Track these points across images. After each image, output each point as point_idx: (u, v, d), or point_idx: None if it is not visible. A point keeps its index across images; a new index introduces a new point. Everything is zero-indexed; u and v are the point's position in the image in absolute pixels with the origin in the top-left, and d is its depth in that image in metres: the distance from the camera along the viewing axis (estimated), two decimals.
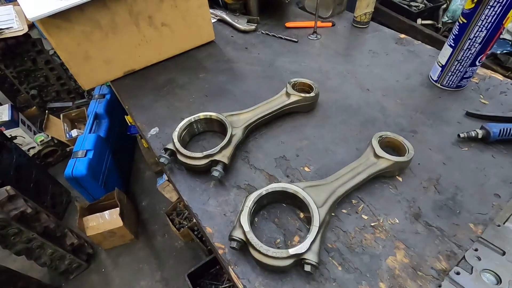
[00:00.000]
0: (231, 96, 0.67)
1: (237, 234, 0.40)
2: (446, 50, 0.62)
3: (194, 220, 0.63)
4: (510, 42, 1.72)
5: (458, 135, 0.54)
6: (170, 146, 0.52)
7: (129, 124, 1.72)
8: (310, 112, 0.63)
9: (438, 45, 0.78)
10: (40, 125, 1.84)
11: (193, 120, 0.56)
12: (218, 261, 0.43)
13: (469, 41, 0.57)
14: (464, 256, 0.41)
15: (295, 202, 0.45)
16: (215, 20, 0.93)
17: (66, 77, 2.03)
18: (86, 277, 1.41)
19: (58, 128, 1.77)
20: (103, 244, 1.46)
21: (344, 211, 0.46)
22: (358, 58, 0.76)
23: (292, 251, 0.37)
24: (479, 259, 0.40)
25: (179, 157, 0.50)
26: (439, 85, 0.66)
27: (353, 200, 0.48)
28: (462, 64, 0.60)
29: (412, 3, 2.13)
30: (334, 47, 0.80)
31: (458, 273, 0.39)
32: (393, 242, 0.43)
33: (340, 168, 0.48)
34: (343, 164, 0.49)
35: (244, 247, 0.40)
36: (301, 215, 0.46)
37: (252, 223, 0.42)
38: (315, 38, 0.83)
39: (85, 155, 1.41)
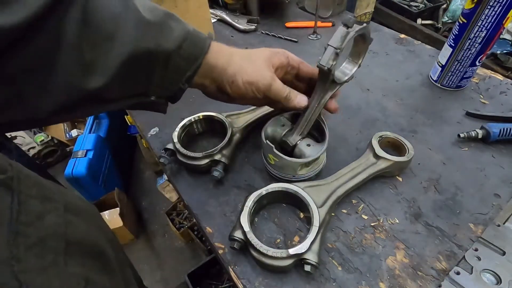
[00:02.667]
0: None
1: (237, 234, 0.40)
2: (446, 50, 0.62)
3: (194, 220, 0.63)
4: (510, 42, 1.72)
5: (458, 135, 0.54)
6: (170, 146, 0.52)
7: (129, 124, 1.72)
8: None
9: (438, 45, 0.78)
10: None
11: (193, 120, 0.56)
12: (218, 261, 0.43)
13: (469, 41, 0.57)
14: (464, 256, 0.41)
15: (295, 202, 0.45)
16: (215, 20, 0.93)
17: None
18: None
19: (58, 128, 1.77)
20: None
21: (344, 211, 0.46)
22: None
23: (292, 251, 0.37)
24: (479, 259, 0.40)
25: (179, 157, 0.50)
26: (439, 85, 0.66)
27: (353, 200, 0.48)
28: (462, 64, 0.60)
29: (412, 3, 2.13)
30: None
31: (458, 273, 0.39)
32: (393, 242, 0.43)
33: (340, 168, 0.48)
34: (343, 164, 0.49)
35: (244, 247, 0.40)
36: (301, 215, 0.46)
37: (252, 223, 0.42)
38: (315, 38, 0.83)
39: (85, 155, 1.41)
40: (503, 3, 0.50)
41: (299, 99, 0.42)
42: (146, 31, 0.31)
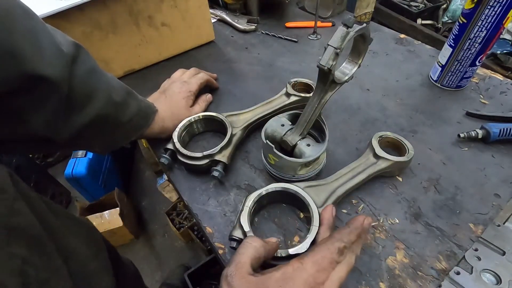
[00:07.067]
0: (231, 96, 0.67)
1: (237, 234, 0.40)
2: (446, 50, 0.62)
3: (194, 220, 0.63)
4: (510, 42, 1.72)
5: (458, 135, 0.54)
6: (170, 146, 0.52)
7: None
8: None
9: (438, 45, 0.79)
10: None
11: (193, 120, 0.56)
12: (218, 261, 0.43)
13: (469, 41, 0.57)
14: (464, 256, 0.41)
15: (295, 202, 0.45)
16: (215, 20, 0.93)
17: None
18: None
19: None
20: None
21: (344, 211, 0.46)
22: None
23: (292, 251, 0.37)
24: (479, 259, 0.40)
25: (179, 157, 0.50)
26: (439, 85, 0.66)
27: (353, 200, 0.48)
28: (462, 64, 0.60)
29: (412, 3, 2.13)
30: None
31: (458, 273, 0.39)
32: (393, 242, 0.43)
33: (340, 168, 0.48)
34: (343, 164, 0.49)
35: None
36: (301, 215, 0.46)
37: (252, 223, 0.42)
38: (315, 38, 0.83)
39: (85, 155, 1.41)
40: (503, 3, 0.50)
41: (208, 98, 0.64)
42: (109, 105, 0.43)
